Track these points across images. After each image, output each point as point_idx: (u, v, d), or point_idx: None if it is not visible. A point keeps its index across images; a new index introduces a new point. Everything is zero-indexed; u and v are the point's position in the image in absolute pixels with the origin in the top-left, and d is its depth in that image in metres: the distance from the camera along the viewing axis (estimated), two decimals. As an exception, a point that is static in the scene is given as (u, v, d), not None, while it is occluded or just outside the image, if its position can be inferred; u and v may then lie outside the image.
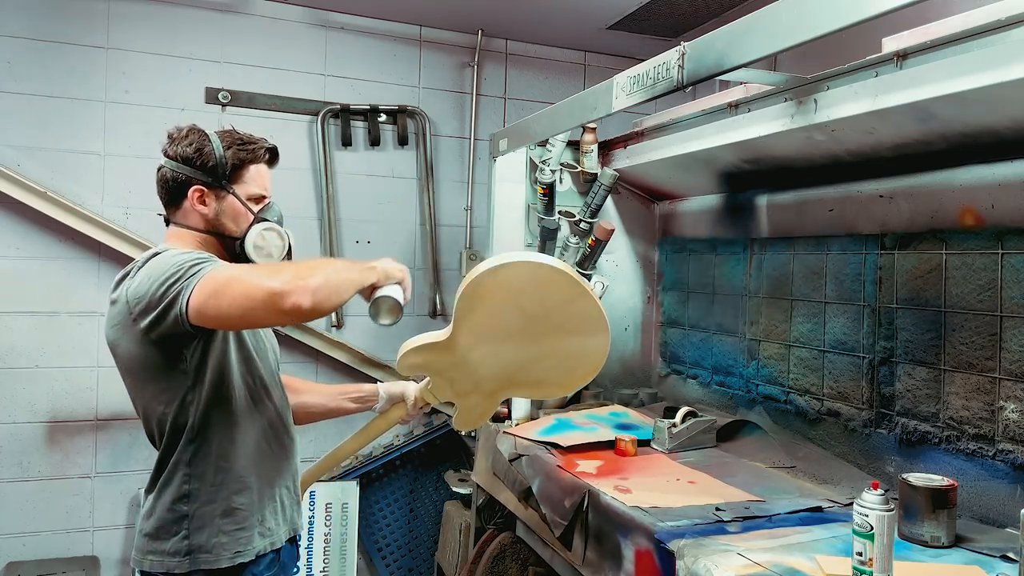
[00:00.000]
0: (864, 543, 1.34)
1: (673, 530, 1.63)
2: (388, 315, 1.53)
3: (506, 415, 2.63)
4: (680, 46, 1.61)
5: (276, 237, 1.58)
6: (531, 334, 1.58)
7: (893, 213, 1.98)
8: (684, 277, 2.86)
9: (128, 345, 1.45)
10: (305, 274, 1.32)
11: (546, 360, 1.64)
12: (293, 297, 1.28)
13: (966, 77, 1.46)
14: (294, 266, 1.40)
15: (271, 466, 1.58)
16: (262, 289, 1.29)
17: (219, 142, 1.55)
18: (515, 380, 1.68)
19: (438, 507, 3.35)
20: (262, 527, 1.53)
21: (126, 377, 1.51)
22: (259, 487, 1.54)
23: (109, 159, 3.03)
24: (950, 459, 1.81)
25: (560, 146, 2.77)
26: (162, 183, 1.56)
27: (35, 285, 2.95)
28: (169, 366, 1.44)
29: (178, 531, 1.46)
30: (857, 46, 1.75)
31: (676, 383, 2.90)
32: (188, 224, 1.56)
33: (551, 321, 1.57)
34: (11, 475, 2.93)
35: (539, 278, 1.54)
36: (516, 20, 3.40)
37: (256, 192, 1.59)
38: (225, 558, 1.47)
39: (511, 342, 1.59)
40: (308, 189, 3.31)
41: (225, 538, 1.48)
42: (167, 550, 1.46)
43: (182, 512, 1.47)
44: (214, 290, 1.32)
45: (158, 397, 1.47)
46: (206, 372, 1.47)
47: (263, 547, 1.53)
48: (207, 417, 1.48)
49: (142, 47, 3.07)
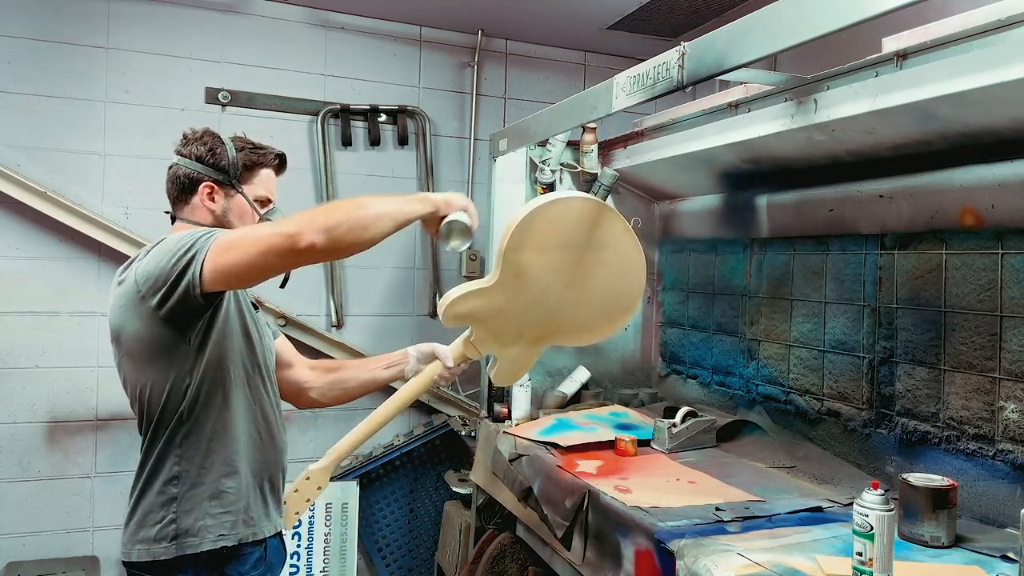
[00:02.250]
0: (864, 543, 1.34)
1: (673, 530, 1.63)
2: (459, 237, 1.53)
3: (506, 415, 2.63)
4: (680, 46, 1.61)
5: None
6: (575, 276, 1.65)
7: (893, 213, 1.97)
8: (684, 277, 2.86)
9: (134, 325, 1.46)
10: (320, 214, 1.35)
11: (587, 305, 1.70)
12: (307, 236, 1.31)
13: (966, 77, 1.46)
14: (311, 210, 1.39)
15: (259, 456, 1.60)
16: (276, 234, 1.33)
17: (231, 144, 1.63)
18: (557, 327, 1.72)
19: (438, 507, 3.35)
20: (246, 515, 1.55)
21: (126, 361, 1.52)
22: (246, 474, 1.56)
23: (109, 159, 3.03)
24: (950, 459, 1.81)
25: (560, 146, 2.77)
26: (174, 180, 1.63)
27: (35, 285, 2.95)
28: (172, 346, 1.47)
29: (165, 516, 1.48)
30: (857, 46, 1.75)
31: (676, 383, 2.90)
32: (195, 220, 1.62)
33: (594, 260, 1.65)
34: (11, 475, 2.93)
35: (588, 214, 1.62)
36: (516, 20, 3.40)
37: (263, 195, 1.67)
38: (208, 540, 1.48)
39: (555, 284, 1.64)
40: (308, 189, 3.31)
41: (210, 520, 1.49)
42: (153, 536, 1.48)
43: (171, 494, 1.49)
44: (228, 245, 1.37)
45: (156, 378, 1.49)
46: (205, 353, 1.49)
47: (246, 535, 1.53)
48: (202, 398, 1.50)
49: (142, 47, 3.07)
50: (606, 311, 1.75)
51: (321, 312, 3.32)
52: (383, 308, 3.43)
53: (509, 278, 1.58)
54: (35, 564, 2.91)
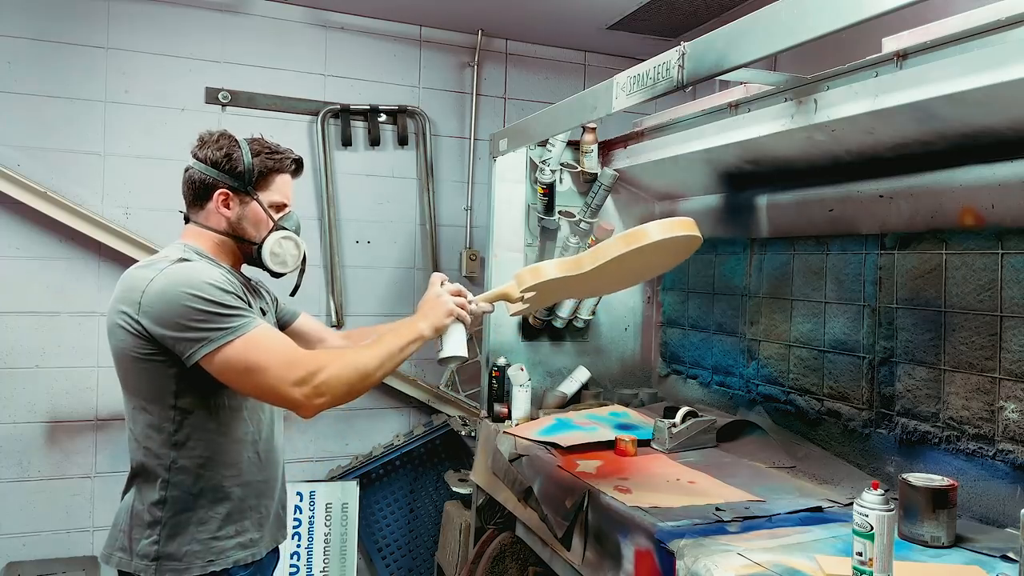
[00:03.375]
0: (864, 543, 1.34)
1: (673, 530, 1.63)
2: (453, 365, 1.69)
3: (506, 415, 2.63)
4: (680, 46, 1.61)
5: (292, 246, 1.64)
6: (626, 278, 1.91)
7: (893, 213, 1.97)
8: (684, 277, 2.86)
9: (122, 335, 1.43)
10: (331, 382, 1.39)
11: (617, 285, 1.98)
12: (309, 410, 1.40)
13: (966, 77, 1.46)
14: (324, 367, 1.40)
15: (257, 477, 1.56)
16: (281, 395, 1.39)
17: (248, 149, 1.59)
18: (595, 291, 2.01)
19: (438, 507, 3.35)
20: (242, 538, 1.52)
21: (118, 373, 1.50)
22: (241, 498, 1.52)
23: (109, 159, 3.03)
24: (950, 459, 1.81)
25: (560, 146, 2.77)
26: (189, 183, 1.59)
27: (35, 285, 2.95)
28: (162, 371, 1.43)
29: (150, 535, 1.45)
30: (857, 46, 1.75)
31: (676, 383, 2.90)
32: (208, 225, 1.59)
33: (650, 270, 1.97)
34: (11, 475, 2.93)
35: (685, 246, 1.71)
36: (516, 20, 3.40)
37: (279, 200, 1.64)
38: (197, 567, 1.45)
39: (610, 281, 1.83)
40: (308, 189, 3.31)
41: (197, 547, 1.46)
42: (137, 551, 1.45)
43: (156, 516, 1.45)
44: (245, 368, 1.38)
45: (144, 402, 1.46)
46: (199, 380, 1.43)
47: (242, 558, 1.52)
48: (195, 426, 1.46)
49: (142, 47, 3.07)
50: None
51: (321, 312, 3.32)
52: (383, 308, 3.43)
53: (595, 272, 1.66)
54: (35, 564, 2.91)
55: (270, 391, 1.39)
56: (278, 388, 1.38)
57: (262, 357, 1.39)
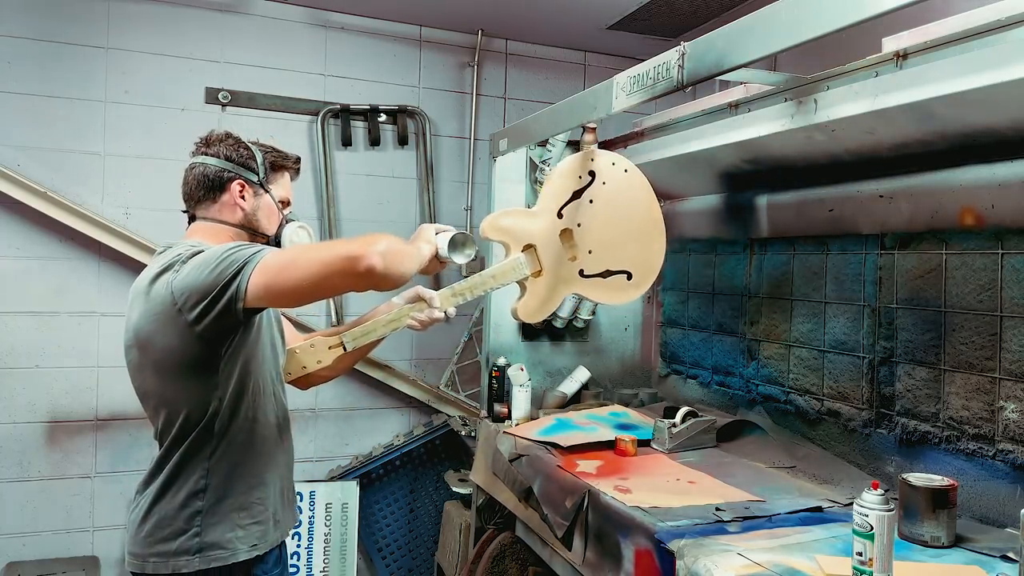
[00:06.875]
0: (864, 543, 1.34)
1: (673, 530, 1.63)
2: (470, 245, 1.66)
3: (506, 415, 2.63)
4: (680, 46, 1.61)
5: (307, 236, 1.72)
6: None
7: (893, 213, 1.97)
8: (684, 277, 2.86)
9: (166, 339, 1.44)
10: (372, 239, 1.38)
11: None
12: (368, 259, 1.34)
13: (966, 77, 1.46)
14: (359, 237, 1.43)
15: (282, 460, 1.63)
16: (337, 255, 1.36)
17: (255, 146, 1.67)
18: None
19: (438, 507, 3.36)
20: (275, 519, 1.58)
21: (151, 370, 1.49)
22: (272, 481, 1.58)
23: (109, 159, 3.04)
24: (950, 459, 1.81)
25: (560, 146, 2.77)
26: (201, 178, 1.61)
27: (35, 285, 2.95)
28: (204, 361, 1.46)
29: (187, 528, 1.47)
30: (857, 46, 1.75)
31: (676, 383, 2.90)
32: (222, 218, 1.61)
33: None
34: (11, 475, 2.93)
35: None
36: (516, 20, 3.40)
37: (284, 196, 1.72)
38: (242, 551, 1.50)
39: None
40: (308, 189, 3.31)
41: (240, 532, 1.50)
42: (173, 550, 1.46)
43: (195, 508, 1.47)
44: (285, 264, 1.38)
45: (184, 392, 1.48)
46: (236, 368, 1.50)
47: (276, 539, 1.58)
48: (232, 413, 1.50)
49: (142, 47, 3.07)
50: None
51: (321, 312, 3.32)
52: (383, 308, 3.43)
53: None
54: (35, 564, 2.91)
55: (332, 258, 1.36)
56: (337, 252, 1.37)
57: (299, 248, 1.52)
